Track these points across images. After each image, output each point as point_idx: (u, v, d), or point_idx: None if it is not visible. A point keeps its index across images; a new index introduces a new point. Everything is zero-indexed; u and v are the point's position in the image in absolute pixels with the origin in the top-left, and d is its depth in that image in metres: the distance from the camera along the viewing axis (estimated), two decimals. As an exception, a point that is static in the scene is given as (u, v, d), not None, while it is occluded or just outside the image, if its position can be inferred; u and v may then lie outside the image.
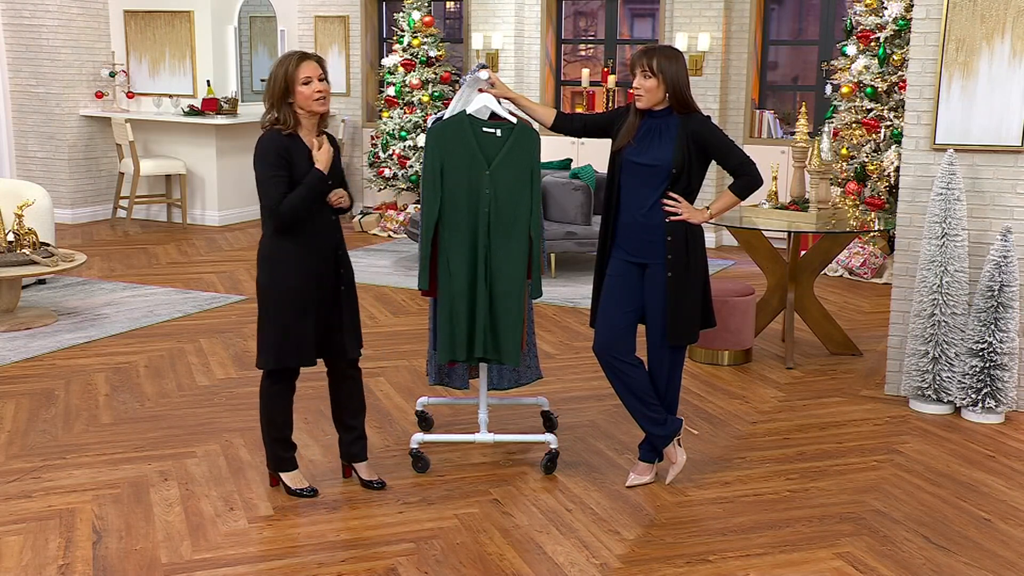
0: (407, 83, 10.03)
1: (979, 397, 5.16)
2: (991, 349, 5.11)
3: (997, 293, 5.09)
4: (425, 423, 4.98)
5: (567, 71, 11.90)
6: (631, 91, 4.16)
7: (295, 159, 3.90)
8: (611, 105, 10.28)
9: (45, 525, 3.93)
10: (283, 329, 4.00)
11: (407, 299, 7.49)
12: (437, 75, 10.12)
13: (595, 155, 9.66)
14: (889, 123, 8.32)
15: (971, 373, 5.17)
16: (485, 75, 4.28)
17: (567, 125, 4.40)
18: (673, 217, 4.12)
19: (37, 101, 10.40)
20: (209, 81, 10.44)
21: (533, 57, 10.57)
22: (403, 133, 10.07)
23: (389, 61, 10.22)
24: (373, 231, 10.30)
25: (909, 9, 8.01)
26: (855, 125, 8.49)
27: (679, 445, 4.38)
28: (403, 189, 10.26)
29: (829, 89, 9.31)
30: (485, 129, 4.21)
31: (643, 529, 3.99)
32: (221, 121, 10.10)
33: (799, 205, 6.17)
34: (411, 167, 10.04)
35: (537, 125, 4.40)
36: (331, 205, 4.01)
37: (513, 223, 4.24)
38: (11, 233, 6.57)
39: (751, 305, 6.17)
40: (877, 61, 8.33)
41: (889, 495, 4.32)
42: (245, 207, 10.83)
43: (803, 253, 6.60)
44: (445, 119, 4.27)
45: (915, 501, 4.26)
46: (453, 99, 4.39)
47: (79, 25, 10.40)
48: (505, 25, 10.47)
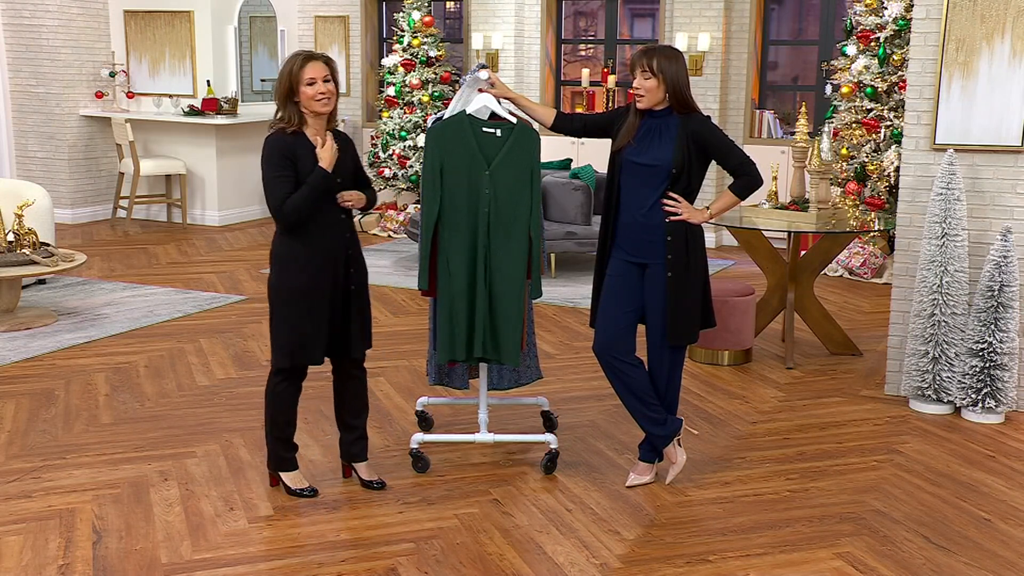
0: (407, 83, 10.03)
1: (979, 397, 5.16)
2: (991, 349, 5.11)
3: (997, 293, 5.09)
4: (425, 423, 4.98)
5: (567, 71, 11.90)
6: (631, 91, 4.16)
7: (300, 158, 3.91)
8: (611, 105, 10.28)
9: (45, 525, 3.93)
10: (293, 328, 4.01)
11: (407, 299, 7.49)
12: (437, 75, 10.12)
13: (595, 155, 9.65)
14: (889, 123, 8.32)
15: (971, 373, 5.17)
16: (485, 75, 4.28)
17: (567, 125, 4.40)
18: (673, 217, 4.11)
19: (37, 101, 10.40)
20: (209, 81, 10.44)
21: (533, 57, 10.57)
22: (403, 133, 10.07)
23: (389, 61, 10.22)
24: (373, 231, 10.30)
25: (909, 9, 8.01)
26: (855, 125, 8.49)
27: (679, 445, 4.38)
28: (403, 189, 10.26)
29: (829, 89, 9.31)
30: (485, 129, 4.21)
31: (643, 529, 3.99)
32: (221, 121, 10.10)
33: (799, 205, 6.17)
34: (411, 167, 10.04)
35: (537, 125, 4.40)
36: (340, 205, 4.02)
37: (513, 223, 4.24)
38: (11, 233, 6.57)
39: (751, 305, 6.17)
40: (877, 61, 8.33)
41: (889, 495, 4.32)
42: (245, 207, 10.83)
43: (803, 253, 6.60)
44: (445, 119, 4.27)
45: (915, 501, 4.26)
46: (453, 99, 4.39)
47: (79, 25, 10.40)
48: (505, 25, 10.47)
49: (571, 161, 9.27)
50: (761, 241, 6.39)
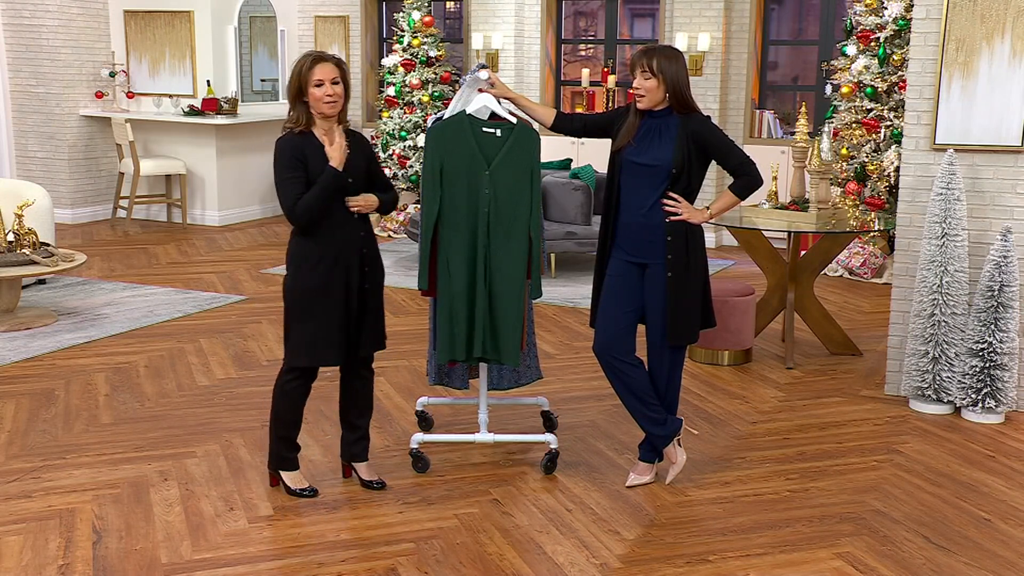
0: (407, 83, 10.03)
1: (979, 397, 5.16)
2: (991, 349, 5.11)
3: (997, 293, 5.09)
4: (425, 423, 4.98)
5: (567, 71, 11.90)
6: (631, 91, 4.16)
7: (310, 158, 3.92)
8: (611, 105, 10.28)
9: (45, 525, 3.93)
10: (307, 328, 4.01)
11: (407, 299, 7.49)
12: (437, 75, 10.12)
13: (595, 155, 9.65)
14: (889, 123, 8.32)
15: (971, 373, 5.17)
16: (485, 75, 4.28)
17: (567, 125, 4.40)
18: (673, 217, 4.11)
19: (37, 101, 10.40)
20: (209, 81, 10.44)
21: (533, 57, 10.57)
22: (403, 133, 10.07)
23: (389, 61, 10.21)
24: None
25: (909, 9, 8.01)
26: (855, 125, 8.49)
27: (679, 445, 4.38)
28: (403, 189, 10.25)
29: (829, 89, 9.31)
30: (485, 129, 4.21)
31: (643, 529, 3.99)
32: (221, 121, 10.10)
33: (799, 205, 6.17)
34: (411, 167, 10.04)
35: (537, 125, 4.40)
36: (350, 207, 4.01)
37: (513, 223, 4.23)
38: (11, 233, 6.57)
39: (751, 305, 6.17)
40: (877, 61, 8.33)
41: (889, 495, 4.32)
42: (245, 207, 10.84)
43: (803, 253, 6.60)
44: (445, 119, 4.27)
45: (915, 501, 4.26)
46: (453, 99, 4.39)
47: (79, 25, 10.40)
48: (505, 25, 10.47)
49: (571, 161, 9.27)
50: (761, 241, 6.39)
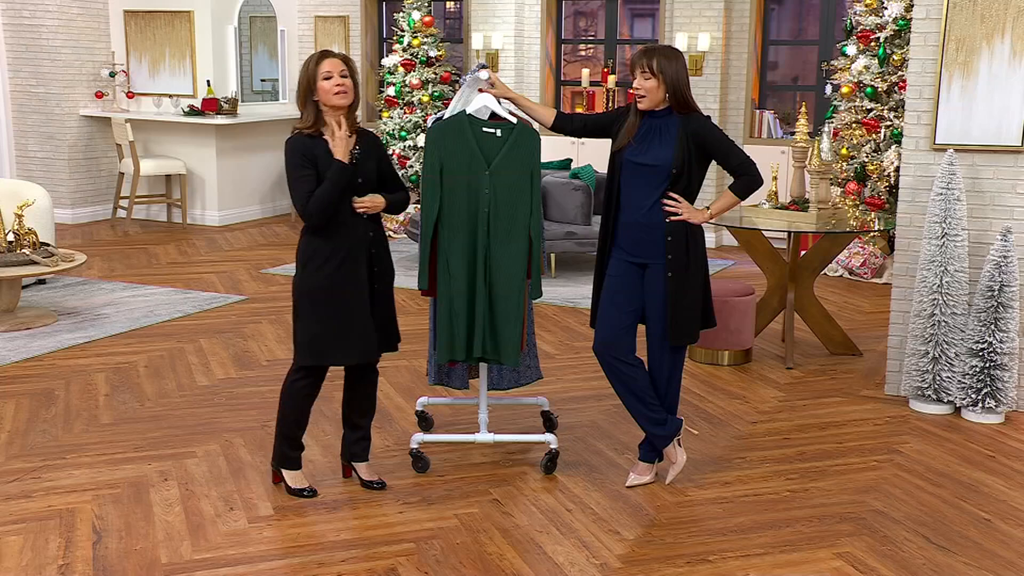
0: (407, 83, 10.03)
1: (979, 397, 5.16)
2: (991, 349, 5.11)
3: (997, 293, 5.09)
4: (425, 423, 4.98)
5: (567, 71, 11.90)
6: (631, 91, 4.16)
7: (319, 159, 3.94)
8: (611, 105, 10.28)
9: (45, 525, 3.93)
10: (314, 327, 4.02)
11: (407, 299, 7.49)
12: (437, 75, 10.12)
13: (595, 155, 9.65)
14: (889, 123, 8.32)
15: (971, 373, 5.17)
16: (485, 75, 4.28)
17: (567, 125, 4.40)
18: (673, 217, 4.11)
19: (37, 101, 10.40)
20: (209, 81, 10.44)
21: (533, 57, 10.57)
22: (403, 133, 10.07)
23: (389, 61, 10.22)
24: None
25: (909, 9, 8.01)
26: (855, 125, 8.49)
27: (679, 445, 4.38)
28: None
29: (829, 89, 9.31)
30: (485, 129, 4.21)
31: (643, 529, 3.99)
32: (221, 121, 10.10)
33: (799, 205, 6.17)
34: (411, 167, 10.04)
35: (537, 125, 4.40)
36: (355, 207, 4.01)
37: (513, 223, 4.23)
38: (11, 233, 6.57)
39: (751, 305, 6.17)
40: (877, 61, 8.33)
41: (889, 495, 4.32)
42: (245, 207, 10.84)
43: (803, 253, 6.60)
44: (445, 119, 4.27)
45: (915, 501, 4.26)
46: (453, 99, 4.39)
47: (79, 25, 10.40)
48: (505, 25, 10.47)
49: (571, 161, 9.27)
50: (761, 241, 6.39)
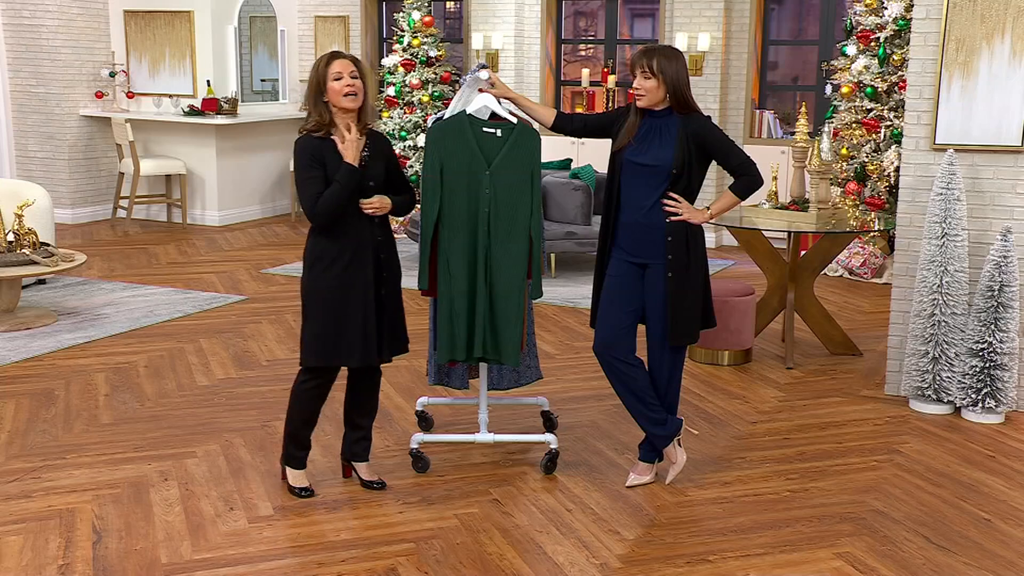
0: (407, 83, 10.03)
1: (979, 397, 5.16)
2: (991, 349, 5.11)
3: (997, 293, 5.09)
4: (425, 423, 4.98)
5: (567, 71, 11.90)
6: (631, 91, 4.16)
7: (328, 161, 3.94)
8: (611, 105, 10.28)
9: (45, 525, 3.93)
10: (319, 328, 4.03)
11: (407, 299, 7.42)
12: (437, 75, 10.12)
13: (595, 155, 9.65)
14: (889, 123, 8.32)
15: (971, 373, 5.17)
16: (485, 75, 4.28)
17: (567, 125, 4.40)
18: (673, 217, 4.11)
19: (37, 101, 10.40)
20: (209, 81, 10.44)
21: (533, 57, 10.57)
22: (403, 133, 10.07)
23: (389, 61, 10.22)
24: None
25: (909, 9, 8.01)
26: (855, 125, 8.49)
27: (679, 445, 4.38)
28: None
29: (829, 89, 9.31)
30: (485, 129, 4.21)
31: (643, 529, 3.99)
32: (221, 121, 10.10)
33: (799, 205, 6.17)
34: (411, 167, 10.04)
35: (537, 125, 4.40)
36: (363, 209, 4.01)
37: (513, 223, 4.23)
38: (11, 233, 6.57)
39: (751, 305, 6.17)
40: (877, 61, 8.33)
41: (889, 495, 4.32)
42: (245, 207, 10.84)
43: (803, 253, 6.60)
44: (445, 119, 4.27)
45: (915, 501, 4.26)
46: (453, 99, 4.39)
47: (79, 25, 10.39)
48: (505, 25, 10.47)
49: (571, 161, 9.27)
50: (761, 241, 6.39)
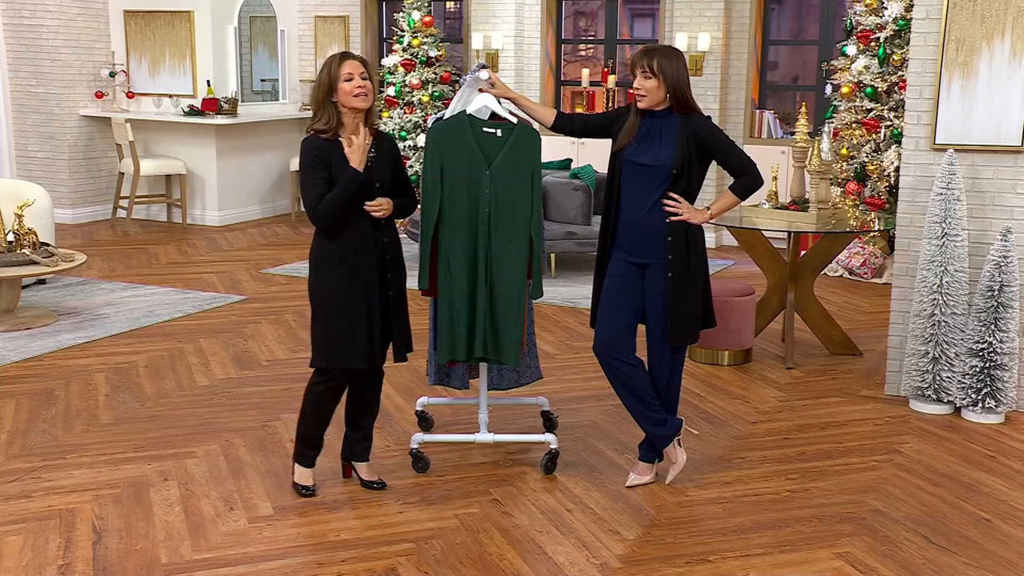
0: (407, 83, 10.03)
1: (979, 397, 5.16)
2: (991, 349, 5.11)
3: (997, 293, 5.09)
4: (425, 423, 4.98)
5: (567, 71, 11.90)
6: (631, 91, 4.16)
7: (334, 163, 3.94)
8: (611, 105, 10.28)
9: (45, 525, 3.93)
10: (326, 330, 4.03)
11: (408, 299, 7.47)
12: (437, 75, 10.11)
13: (595, 155, 9.65)
14: (889, 123, 8.32)
15: (971, 373, 5.17)
16: (485, 75, 4.28)
17: (567, 125, 4.40)
18: (673, 217, 4.11)
19: (37, 101, 10.39)
20: (209, 81, 10.44)
21: (533, 57, 10.57)
22: (403, 133, 10.07)
23: (389, 61, 10.21)
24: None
25: (909, 9, 8.01)
26: (855, 125, 8.49)
27: (679, 445, 4.38)
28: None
29: (829, 89, 9.31)
30: (485, 129, 4.21)
31: (643, 529, 3.99)
32: (221, 121, 10.10)
33: (799, 205, 6.17)
34: (411, 167, 10.04)
35: (537, 125, 4.40)
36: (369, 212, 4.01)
37: (513, 223, 4.23)
38: (11, 233, 6.57)
39: (751, 305, 6.17)
40: (877, 61, 8.33)
41: (889, 495, 4.32)
42: (245, 207, 10.84)
43: (803, 253, 6.60)
44: (445, 119, 4.27)
45: (915, 501, 4.26)
46: (453, 99, 4.39)
47: (79, 25, 10.39)
48: (505, 25, 10.47)
49: (571, 161, 9.27)
50: (761, 241, 6.39)
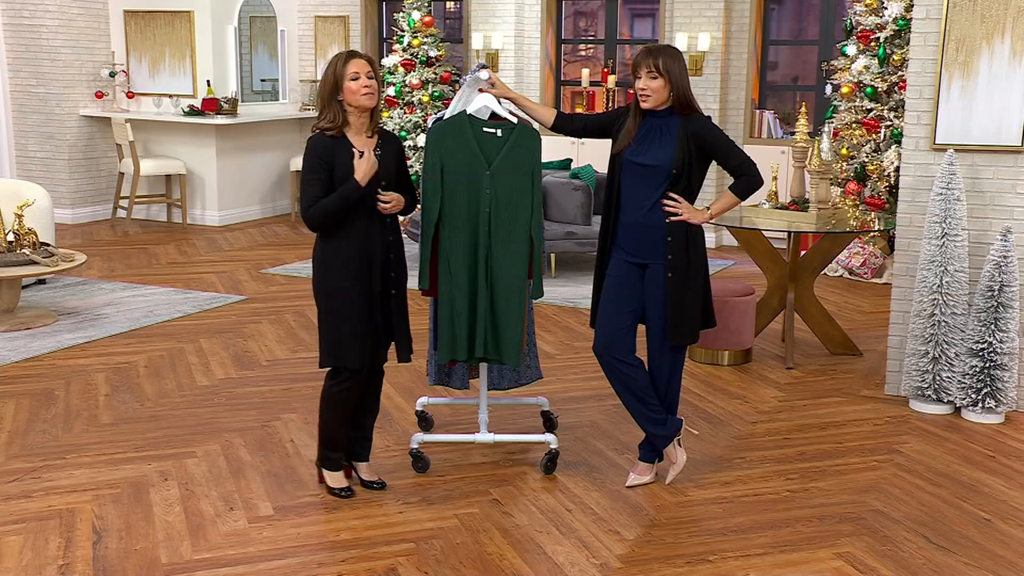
0: (407, 83, 10.03)
1: (979, 397, 5.16)
2: (991, 349, 5.11)
3: (997, 293, 5.09)
4: (425, 423, 4.98)
5: (567, 71, 11.90)
6: (632, 91, 4.16)
7: (337, 161, 3.94)
8: (611, 105, 10.28)
9: (45, 525, 3.93)
10: (335, 330, 4.04)
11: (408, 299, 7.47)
12: (437, 75, 10.12)
13: (595, 155, 9.66)
14: (889, 123, 8.32)
15: (971, 373, 5.17)
16: (485, 75, 4.28)
17: (567, 125, 4.40)
18: (673, 217, 4.11)
19: (37, 101, 10.40)
20: (209, 81, 10.44)
21: (533, 57, 10.57)
22: (403, 133, 10.07)
23: (389, 61, 10.21)
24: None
25: (909, 9, 8.01)
26: (855, 125, 8.49)
27: (679, 445, 4.38)
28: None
29: (829, 89, 9.31)
30: (485, 129, 4.21)
31: (643, 529, 3.99)
32: (221, 121, 10.10)
33: (799, 205, 6.17)
34: (411, 167, 10.04)
35: (537, 125, 4.40)
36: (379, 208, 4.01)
37: (514, 223, 4.23)
38: (11, 233, 6.57)
39: (751, 305, 6.17)
40: (877, 61, 8.33)
41: (889, 495, 4.32)
42: (245, 207, 10.83)
43: (803, 253, 6.60)
44: (445, 119, 4.27)
45: (915, 501, 4.26)
46: (453, 99, 4.39)
47: (79, 25, 10.40)
48: (505, 25, 10.47)
49: (571, 161, 9.27)
50: (761, 241, 6.39)
